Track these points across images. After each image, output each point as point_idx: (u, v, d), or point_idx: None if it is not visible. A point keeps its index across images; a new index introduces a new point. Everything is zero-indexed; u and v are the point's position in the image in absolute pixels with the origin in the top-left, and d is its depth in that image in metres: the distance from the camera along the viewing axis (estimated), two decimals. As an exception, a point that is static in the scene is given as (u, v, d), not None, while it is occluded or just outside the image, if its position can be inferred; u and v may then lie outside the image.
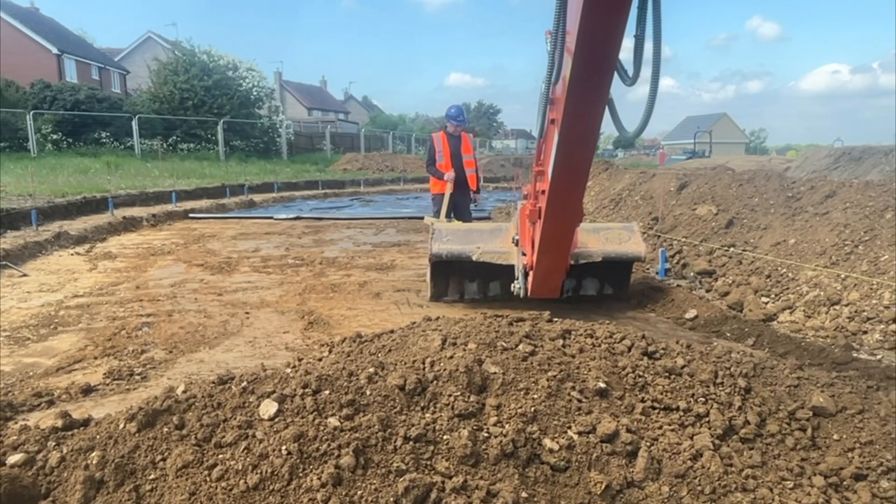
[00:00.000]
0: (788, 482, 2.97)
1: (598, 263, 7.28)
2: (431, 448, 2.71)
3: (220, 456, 2.55)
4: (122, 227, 14.21)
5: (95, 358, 5.61)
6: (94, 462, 2.54)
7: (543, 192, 5.57)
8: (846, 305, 6.50)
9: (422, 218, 17.54)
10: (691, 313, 7.03)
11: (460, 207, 9.44)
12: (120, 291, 8.19)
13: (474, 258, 7.17)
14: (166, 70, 36.14)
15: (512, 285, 6.86)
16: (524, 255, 6.58)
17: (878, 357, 5.58)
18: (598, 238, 7.32)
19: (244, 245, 12.60)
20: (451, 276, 7.75)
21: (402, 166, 39.45)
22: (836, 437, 3.22)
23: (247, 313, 7.23)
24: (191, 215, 17.31)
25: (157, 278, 9.13)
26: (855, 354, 5.62)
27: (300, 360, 3.62)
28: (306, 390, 2.82)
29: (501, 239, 7.35)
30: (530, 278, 6.51)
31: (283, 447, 2.53)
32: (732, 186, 10.89)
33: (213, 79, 35.95)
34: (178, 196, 18.82)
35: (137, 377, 5.14)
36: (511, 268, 7.10)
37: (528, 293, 6.63)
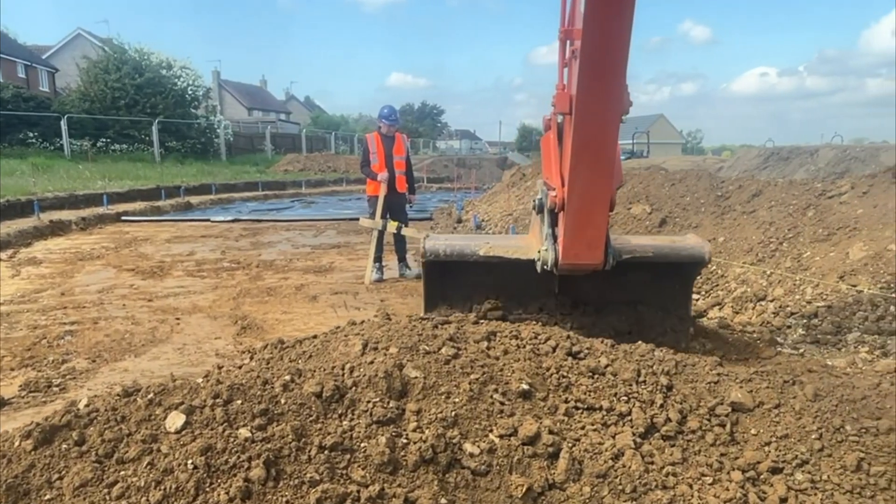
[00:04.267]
0: (708, 478, 3.00)
1: (647, 285, 5.63)
2: (348, 456, 2.65)
3: (122, 473, 2.44)
4: (49, 232, 13.71)
5: (12, 369, 5.40)
6: (-14, 483, 2.41)
7: (575, 54, 4.24)
8: (771, 301, 6.66)
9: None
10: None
11: (396, 209, 9.32)
12: (43, 298, 7.91)
13: (481, 253, 5.43)
14: (97, 68, 35.02)
15: (536, 253, 5.09)
16: (552, 191, 4.84)
17: (801, 351, 5.72)
18: (643, 239, 5.78)
19: (178, 248, 12.32)
20: (452, 301, 5.80)
21: (345, 167, 39.13)
22: (753, 431, 3.26)
23: (177, 319, 7.06)
24: (123, 218, 16.84)
25: (84, 284, 8.85)
26: (779, 349, 5.74)
27: (220, 367, 3.52)
28: (217, 400, 2.72)
29: (517, 238, 6.06)
30: (560, 232, 4.80)
31: (189, 461, 2.43)
32: (665, 186, 11.08)
33: (146, 77, 34.99)
34: (109, 198, 18.23)
35: (56, 389, 4.97)
36: (531, 282, 5.47)
37: (560, 259, 4.85)
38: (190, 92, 38.55)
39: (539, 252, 5.02)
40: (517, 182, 18.49)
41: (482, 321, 4.25)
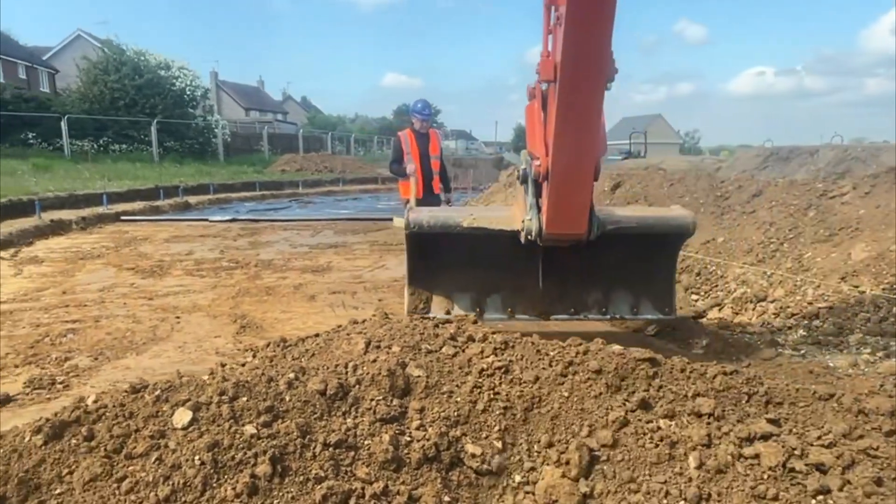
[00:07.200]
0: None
1: (631, 268, 5.77)
2: (352, 454, 2.67)
3: (131, 468, 2.47)
4: (49, 231, 13.74)
5: (16, 366, 5.41)
6: (-3, 478, 2.43)
7: (560, 20, 4.06)
8: (772, 302, 6.66)
9: (360, 219, 17.54)
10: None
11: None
12: (45, 297, 7.92)
13: (465, 224, 5.34)
14: (96, 69, 35.06)
15: (521, 223, 5.07)
16: (536, 160, 4.83)
17: (802, 352, 5.72)
18: (628, 210, 6.01)
19: (177, 248, 12.33)
20: (435, 285, 5.86)
21: (341, 167, 39.16)
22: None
23: (177, 318, 7.08)
24: (123, 218, 16.85)
25: (84, 283, 8.87)
26: (780, 350, 5.75)
27: (223, 365, 3.54)
28: (223, 397, 2.74)
29: (502, 209, 6.09)
30: (545, 201, 4.79)
31: (197, 457, 2.46)
32: (664, 186, 11.10)
33: (145, 78, 35.05)
34: (109, 198, 18.24)
35: (59, 386, 4.98)
36: (516, 268, 5.67)
37: (544, 229, 4.84)
38: (188, 92, 38.61)
39: (523, 222, 5.00)
40: (514, 182, 18.48)
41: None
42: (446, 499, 2.64)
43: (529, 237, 4.97)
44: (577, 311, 5.85)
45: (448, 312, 5.67)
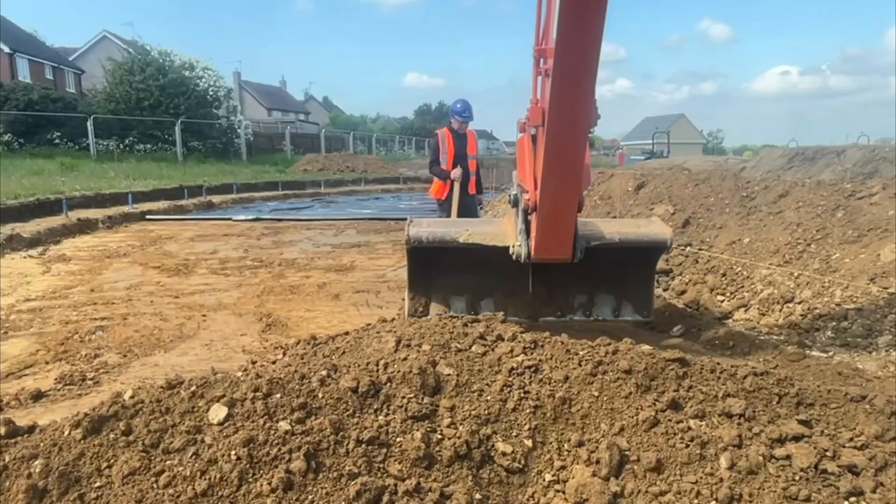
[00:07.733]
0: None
1: (613, 276, 6.11)
2: (384, 451, 2.70)
3: (168, 462, 2.51)
4: (76, 230, 13.92)
5: (47, 363, 5.51)
6: (38, 470, 2.48)
7: (547, 72, 4.53)
8: (799, 303, 6.61)
9: (382, 219, 17.59)
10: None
11: (468, 213, 8.67)
12: (74, 295, 8.03)
13: (461, 240, 5.74)
14: (122, 70, 35.49)
15: (511, 247, 5.51)
16: (526, 194, 5.27)
17: (830, 354, 5.68)
18: (611, 225, 6.16)
19: (202, 247, 12.44)
20: (433, 290, 6.22)
21: (363, 167, 39.26)
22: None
23: (204, 316, 7.15)
24: (148, 217, 17.02)
25: (112, 281, 8.98)
26: (807, 352, 5.71)
27: (254, 363, 3.58)
28: (257, 394, 2.79)
29: (496, 224, 6.36)
30: (533, 229, 5.24)
31: (233, 452, 2.50)
32: (689, 186, 11.04)
33: (169, 78, 35.41)
34: (134, 197, 18.45)
35: (90, 382, 5.06)
36: (508, 274, 5.98)
37: (532, 252, 5.30)
38: (211, 92, 38.93)
39: (513, 246, 5.45)
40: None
41: (509, 320, 4.28)
42: (477, 496, 2.66)
43: (519, 260, 5.41)
44: (564, 313, 6.20)
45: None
